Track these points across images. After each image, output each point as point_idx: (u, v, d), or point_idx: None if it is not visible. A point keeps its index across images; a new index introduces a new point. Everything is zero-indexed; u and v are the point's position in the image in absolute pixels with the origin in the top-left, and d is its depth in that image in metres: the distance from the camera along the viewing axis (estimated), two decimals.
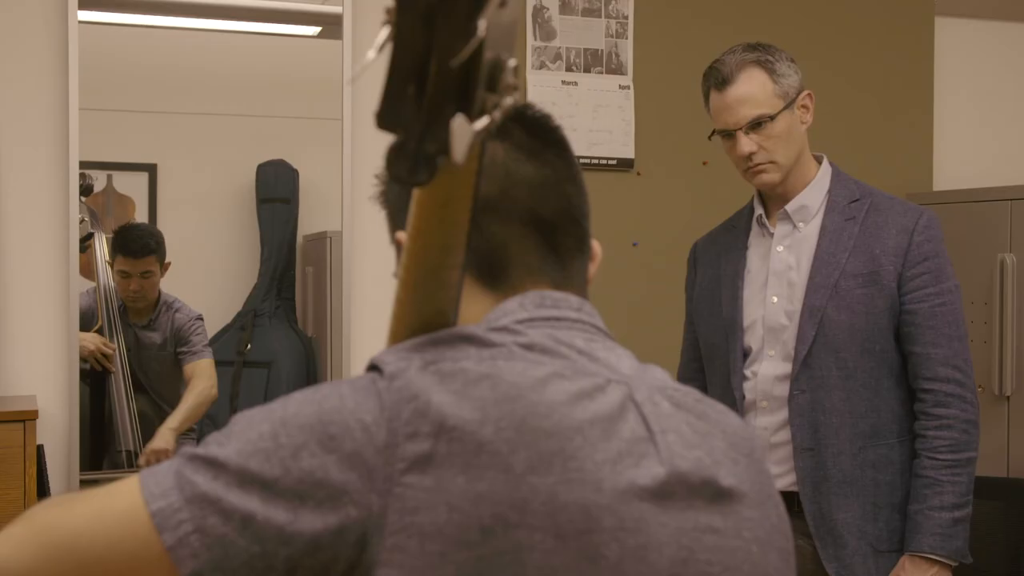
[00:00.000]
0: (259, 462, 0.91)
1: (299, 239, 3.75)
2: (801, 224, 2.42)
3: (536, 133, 1.09)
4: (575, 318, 1.05)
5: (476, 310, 1.06)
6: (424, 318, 0.96)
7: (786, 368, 2.38)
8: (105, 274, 3.46)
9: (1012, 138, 4.22)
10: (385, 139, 0.75)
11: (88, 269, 3.43)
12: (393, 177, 0.75)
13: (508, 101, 0.75)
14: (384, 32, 0.71)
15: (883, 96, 3.97)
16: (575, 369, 0.98)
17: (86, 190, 3.35)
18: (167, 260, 3.52)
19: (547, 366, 0.96)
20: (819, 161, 2.47)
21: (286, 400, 0.95)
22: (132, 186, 3.55)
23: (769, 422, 2.40)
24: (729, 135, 2.38)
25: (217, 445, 0.93)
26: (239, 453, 0.91)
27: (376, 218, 3.92)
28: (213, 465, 0.91)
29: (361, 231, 3.48)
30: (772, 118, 2.34)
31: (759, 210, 2.48)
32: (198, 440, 3.60)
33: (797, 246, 2.42)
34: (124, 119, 3.53)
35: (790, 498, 2.36)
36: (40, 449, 3.02)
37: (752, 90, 2.35)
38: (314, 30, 3.62)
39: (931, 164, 4.04)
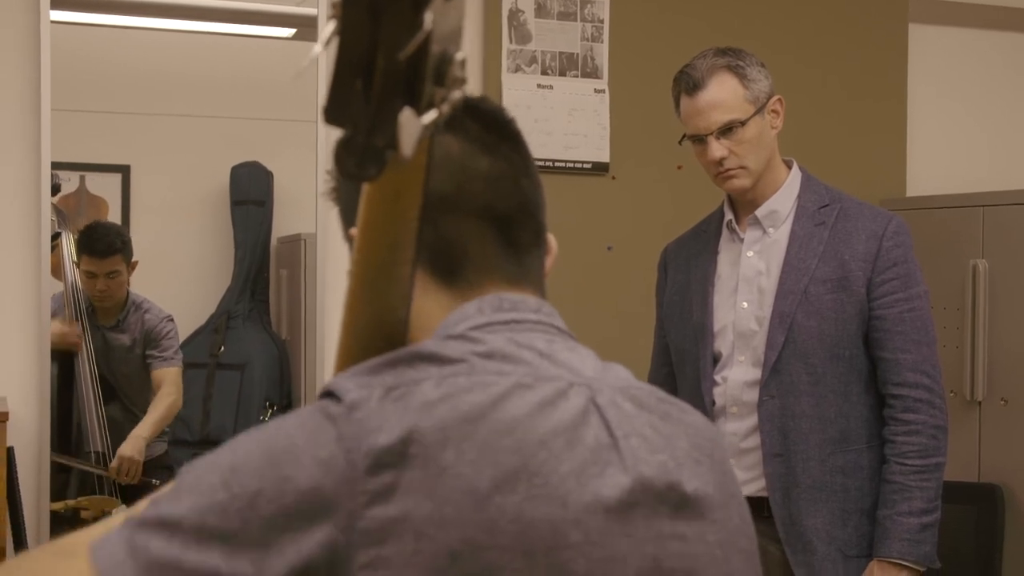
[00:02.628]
0: (215, 516, 0.87)
1: (273, 241, 3.75)
2: (771, 229, 2.42)
3: (491, 127, 1.08)
4: (534, 320, 1.04)
5: (432, 307, 1.04)
6: (376, 313, 0.96)
7: (756, 374, 2.38)
8: (73, 274, 3.45)
9: (985, 145, 4.24)
10: None
11: (56, 269, 3.41)
12: (342, 172, 0.74)
13: (456, 94, 0.75)
14: (330, 26, 0.71)
15: (856, 102, 3.98)
16: (536, 375, 0.97)
17: (53, 189, 3.33)
18: (134, 259, 3.51)
19: (508, 376, 0.95)
20: (789, 166, 2.47)
21: (232, 446, 0.92)
22: (105, 187, 3.54)
23: (738, 427, 2.40)
24: (700, 140, 2.38)
25: (168, 504, 0.89)
26: (192, 509, 0.87)
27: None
28: (167, 526, 0.87)
29: (335, 233, 3.44)
30: (743, 123, 2.34)
31: (729, 215, 2.48)
32: (169, 444, 3.60)
33: (767, 251, 2.42)
34: (97, 120, 3.52)
35: (759, 503, 2.35)
36: (10, 451, 3.01)
37: (723, 95, 2.35)
38: (288, 32, 3.62)
39: (904, 170, 4.05)
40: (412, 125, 0.72)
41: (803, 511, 2.34)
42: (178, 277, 3.67)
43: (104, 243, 3.49)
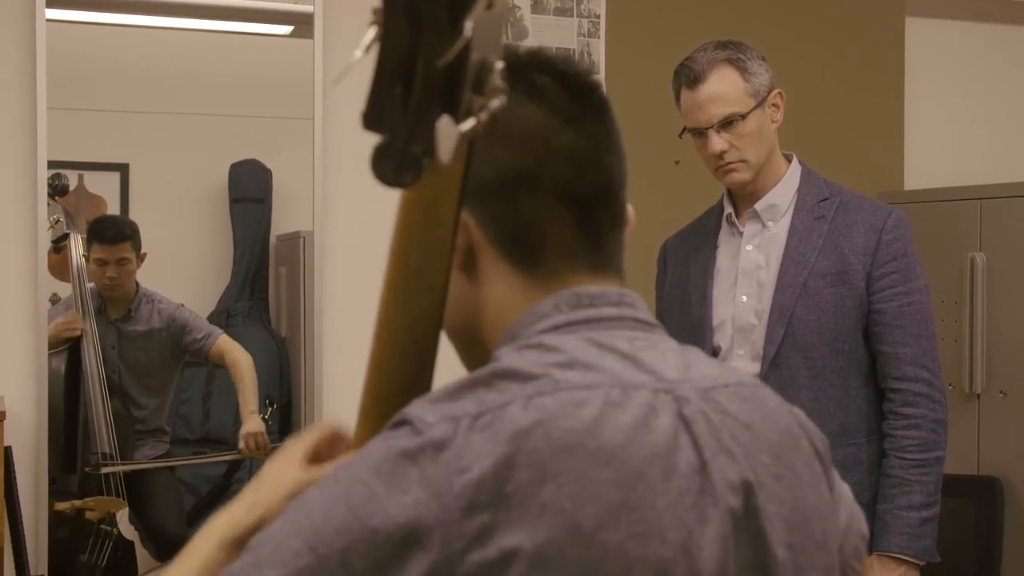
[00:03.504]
0: None
1: (272, 239, 3.74)
2: (770, 223, 2.42)
3: (576, 94, 1.00)
4: (615, 315, 0.98)
5: (508, 295, 0.99)
6: (409, 323, 0.94)
7: (755, 367, 2.37)
8: (81, 274, 3.44)
9: (982, 138, 4.25)
10: (357, 138, 0.74)
11: (64, 271, 3.40)
12: (379, 178, 0.74)
13: (495, 103, 0.75)
14: (371, 32, 0.71)
15: (854, 96, 3.99)
16: (624, 386, 0.92)
17: (61, 190, 3.33)
18: (143, 251, 3.51)
19: (595, 390, 0.90)
20: (788, 160, 2.47)
21: (305, 507, 0.87)
22: (104, 186, 3.52)
23: None
24: (700, 133, 2.38)
25: None
26: None
27: (349, 218, 3.90)
28: None
29: (334, 231, 3.47)
30: (743, 117, 2.34)
31: (728, 209, 2.48)
32: (171, 443, 3.59)
33: (766, 245, 2.42)
34: (95, 118, 3.51)
35: None
36: (8, 451, 3.00)
37: (724, 88, 2.35)
38: (286, 29, 3.60)
39: (902, 163, 4.06)
40: (450, 133, 0.72)
41: None
42: (177, 275, 3.66)
43: (114, 230, 3.50)
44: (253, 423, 3.48)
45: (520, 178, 0.96)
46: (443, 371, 0.99)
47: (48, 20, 3.20)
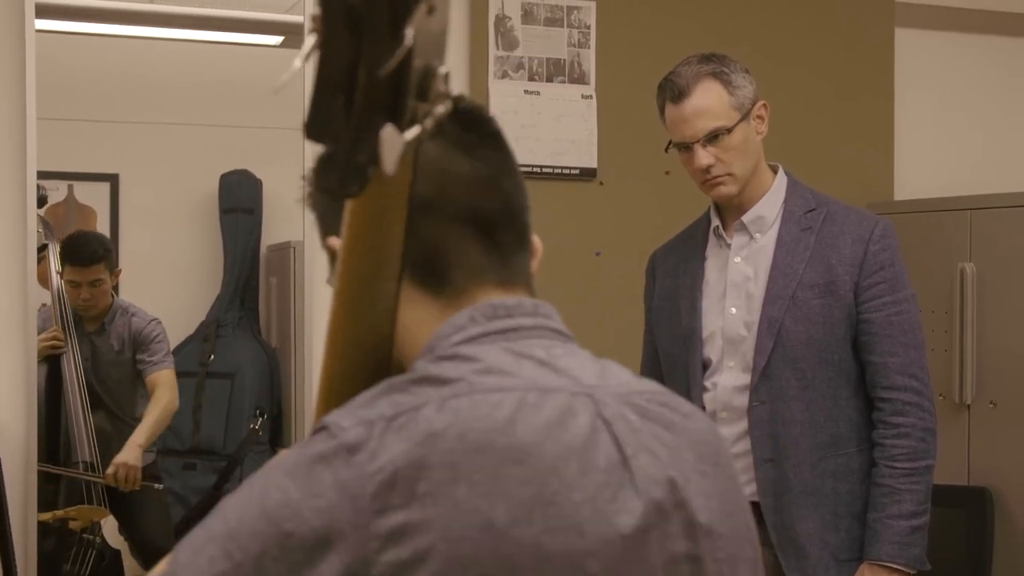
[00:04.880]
0: None
1: (263, 249, 3.74)
2: (758, 235, 2.42)
3: (470, 127, 1.03)
4: (531, 325, 1.00)
5: (421, 317, 1.00)
6: (360, 332, 0.94)
7: (745, 379, 2.37)
8: (60, 287, 3.43)
9: (972, 148, 4.25)
10: None
11: (43, 280, 3.40)
12: (323, 189, 0.74)
13: (439, 109, 0.74)
14: (310, 40, 0.71)
15: (844, 106, 3.98)
16: (540, 389, 0.93)
17: (39, 201, 3.32)
18: (118, 268, 3.50)
19: (511, 392, 0.91)
20: (775, 171, 2.47)
21: (222, 512, 0.87)
22: (94, 196, 3.53)
23: (729, 433, 2.39)
24: (686, 148, 2.37)
25: None
26: None
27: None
28: None
29: None
30: (729, 130, 2.33)
31: (716, 221, 2.47)
32: (158, 453, 3.58)
33: (754, 257, 2.41)
34: (85, 129, 3.51)
35: (752, 508, 2.35)
36: None
37: (708, 103, 2.34)
38: (276, 40, 3.61)
39: (892, 174, 4.06)
40: (395, 141, 0.72)
41: (795, 516, 2.34)
42: (167, 286, 3.66)
43: (87, 252, 3.48)
44: (130, 454, 3.40)
45: (423, 205, 0.96)
46: None
47: (38, 30, 3.19)
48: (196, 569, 0.84)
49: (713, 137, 2.34)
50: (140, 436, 3.43)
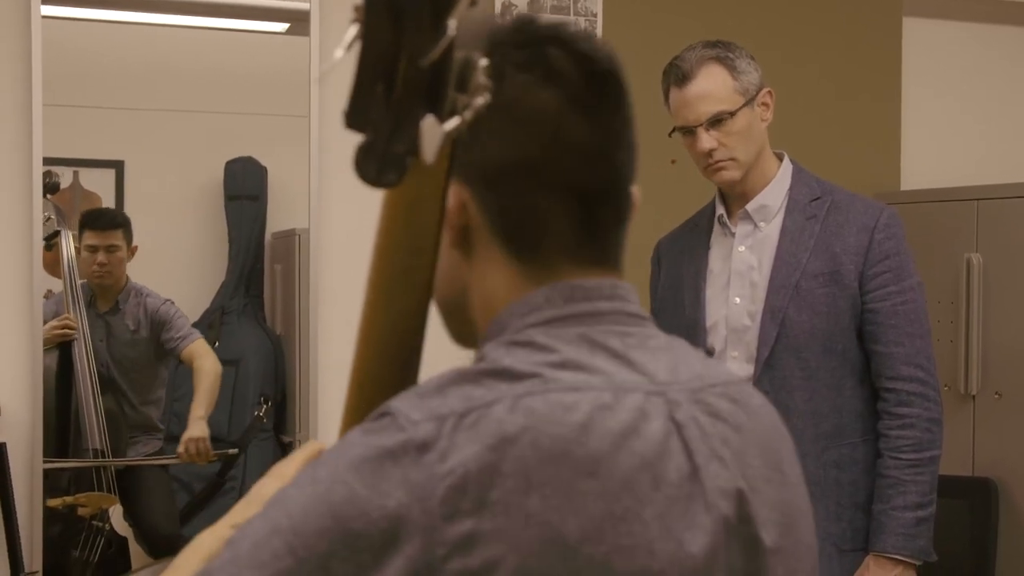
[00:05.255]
0: None
1: (267, 236, 3.73)
2: (762, 223, 2.41)
3: (594, 81, 0.94)
4: (608, 310, 0.96)
5: (499, 281, 0.96)
6: (392, 321, 0.94)
7: (748, 369, 2.36)
8: (72, 272, 3.43)
9: (979, 138, 4.25)
10: (352, 135, 0.73)
11: (55, 267, 3.40)
12: (361, 178, 0.73)
13: (479, 101, 0.74)
14: (352, 30, 0.70)
15: (851, 96, 3.98)
16: (615, 389, 0.90)
17: (52, 188, 3.33)
18: (135, 244, 3.50)
19: (585, 396, 0.88)
20: (780, 159, 2.46)
21: (283, 502, 0.85)
22: (99, 183, 3.52)
23: None
24: (689, 132, 2.37)
25: None
26: None
27: (344, 215, 3.89)
28: None
29: (329, 228, 3.46)
30: (732, 114, 2.33)
31: (720, 210, 2.46)
32: (164, 440, 3.58)
33: (759, 246, 2.41)
34: (90, 115, 3.50)
35: None
36: (2, 447, 3.00)
37: (712, 86, 2.34)
38: (282, 26, 3.60)
39: (898, 164, 4.06)
40: (434, 132, 0.72)
41: None
42: (172, 273, 3.66)
43: (107, 217, 3.50)
44: (197, 428, 3.43)
45: (526, 168, 0.93)
46: (429, 370, 0.99)
47: (43, 17, 3.19)
48: (258, 563, 0.82)
49: (716, 121, 2.33)
50: (199, 408, 3.45)
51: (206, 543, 0.95)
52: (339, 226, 3.45)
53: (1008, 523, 3.49)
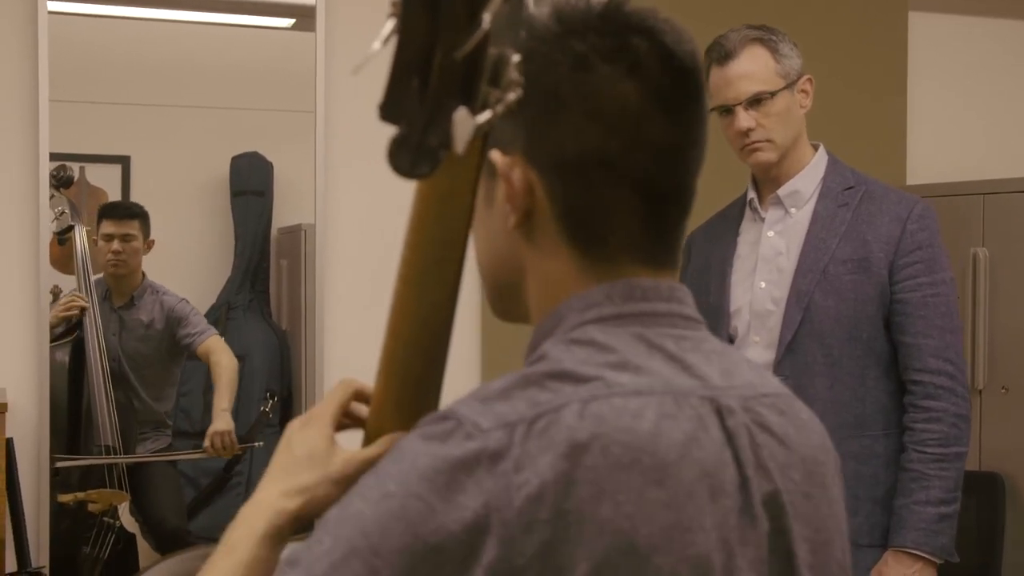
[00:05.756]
0: None
1: (273, 232, 3.74)
2: (793, 209, 2.39)
3: (678, 78, 0.93)
4: (664, 311, 0.95)
5: (559, 268, 0.95)
6: (422, 315, 0.94)
7: (770, 355, 2.33)
8: (86, 266, 3.44)
9: (985, 133, 4.25)
10: (358, 131, 0.74)
11: (67, 264, 3.40)
12: (395, 170, 0.74)
13: (511, 96, 0.74)
14: (389, 24, 0.71)
15: (857, 90, 3.98)
16: (675, 394, 0.90)
17: (66, 182, 3.34)
18: (151, 238, 3.52)
19: (650, 401, 0.88)
20: (815, 149, 2.45)
21: (356, 517, 0.83)
22: (105, 178, 3.53)
23: None
24: (727, 111, 2.36)
25: None
26: None
27: (350, 211, 3.88)
28: None
29: (335, 224, 3.46)
30: (772, 95, 2.33)
31: (752, 194, 2.45)
32: (172, 436, 3.59)
33: (788, 232, 2.39)
34: (97, 111, 3.51)
35: None
36: (9, 442, 3.00)
37: (754, 67, 2.35)
38: (288, 22, 3.60)
39: (905, 158, 4.06)
40: (466, 124, 0.72)
41: None
42: (178, 268, 3.66)
43: (124, 207, 3.52)
44: (222, 421, 3.44)
45: (601, 161, 0.91)
46: (453, 363, 0.99)
47: (50, 12, 3.19)
48: None
49: (756, 101, 2.33)
50: (223, 401, 3.47)
51: (258, 517, 0.92)
52: (345, 222, 3.46)
53: (1015, 517, 3.49)
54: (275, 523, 0.91)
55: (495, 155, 0.93)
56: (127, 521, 3.42)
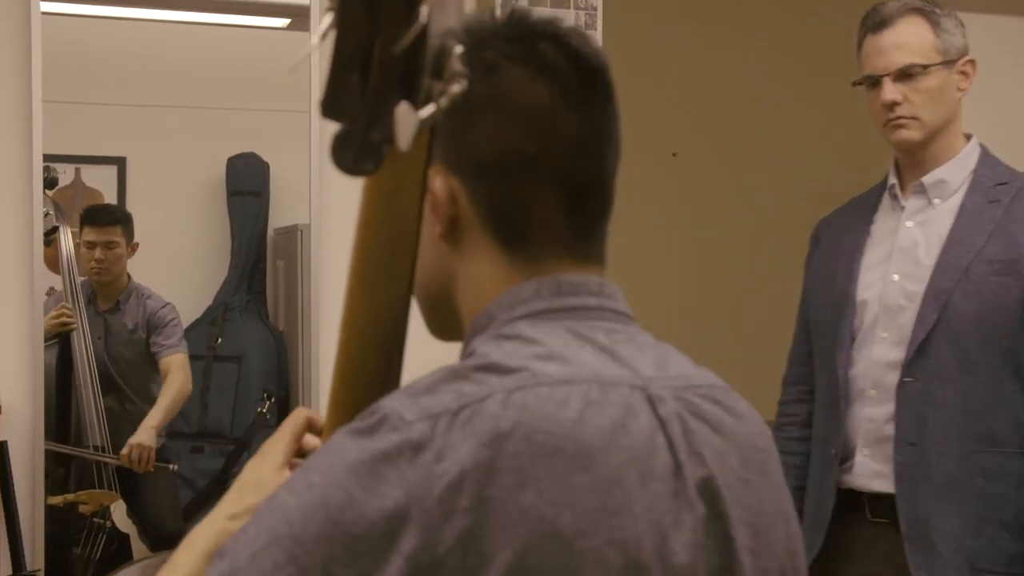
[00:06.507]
0: None
1: (270, 232, 3.74)
2: (937, 200, 2.25)
3: (585, 78, 0.97)
4: (594, 305, 0.97)
5: (488, 271, 0.97)
6: (374, 311, 0.94)
7: (897, 354, 2.19)
8: (71, 268, 3.44)
9: (984, 131, 4.21)
10: None
11: (54, 264, 3.40)
12: (338, 166, 0.73)
13: (454, 88, 0.74)
14: (327, 19, 0.70)
15: (856, 89, 3.96)
16: (602, 383, 0.91)
17: (50, 183, 3.33)
18: (135, 241, 3.51)
19: (575, 390, 0.89)
20: (968, 139, 2.31)
21: (281, 509, 0.85)
22: (101, 179, 3.53)
23: (877, 413, 2.20)
24: (874, 83, 2.24)
25: None
26: None
27: (347, 211, 3.88)
28: None
29: (331, 224, 3.46)
30: (925, 68, 2.20)
31: (893, 179, 2.30)
32: (167, 437, 3.59)
33: (929, 224, 2.24)
34: (92, 112, 3.51)
35: (887, 500, 2.15)
36: (3, 445, 3.00)
37: (909, 37, 2.22)
38: (283, 22, 3.60)
39: None
40: (409, 119, 0.72)
41: (932, 509, 2.13)
42: (174, 269, 3.66)
43: (105, 213, 3.50)
44: (145, 435, 3.41)
45: (519, 160, 0.95)
46: (415, 361, 0.99)
47: (43, 13, 3.18)
48: (259, 573, 0.82)
49: (907, 75, 2.21)
50: (154, 418, 3.44)
51: (203, 537, 0.96)
52: (341, 222, 3.45)
53: None
54: (216, 543, 0.93)
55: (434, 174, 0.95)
56: (121, 522, 3.42)
